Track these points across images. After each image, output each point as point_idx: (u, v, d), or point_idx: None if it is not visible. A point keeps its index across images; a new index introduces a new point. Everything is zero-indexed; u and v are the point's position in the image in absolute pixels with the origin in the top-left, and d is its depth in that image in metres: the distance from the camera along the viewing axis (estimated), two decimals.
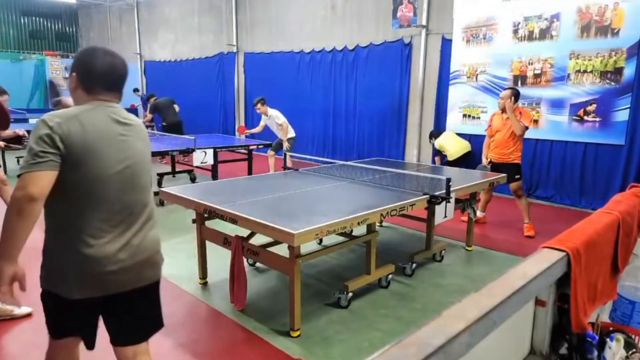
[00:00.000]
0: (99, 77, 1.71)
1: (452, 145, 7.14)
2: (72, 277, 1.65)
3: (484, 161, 5.41)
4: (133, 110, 14.91)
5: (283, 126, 7.41)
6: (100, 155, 1.63)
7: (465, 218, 4.81)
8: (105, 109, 1.71)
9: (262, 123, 7.82)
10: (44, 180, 1.52)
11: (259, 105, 7.45)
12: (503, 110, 5.05)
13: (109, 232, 1.68)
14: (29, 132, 3.75)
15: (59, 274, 1.68)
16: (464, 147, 7.15)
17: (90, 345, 1.91)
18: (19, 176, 1.53)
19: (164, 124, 9.30)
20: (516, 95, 5.00)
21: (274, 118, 7.48)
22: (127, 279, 1.75)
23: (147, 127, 9.36)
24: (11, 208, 1.51)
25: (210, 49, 12.31)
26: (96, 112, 1.68)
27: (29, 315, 3.10)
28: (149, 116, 9.89)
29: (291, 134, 7.52)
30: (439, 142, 7.31)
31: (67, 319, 1.77)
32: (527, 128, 4.94)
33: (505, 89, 5.20)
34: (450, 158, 7.07)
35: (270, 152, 7.63)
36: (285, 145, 7.36)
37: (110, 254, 1.68)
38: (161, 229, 5.49)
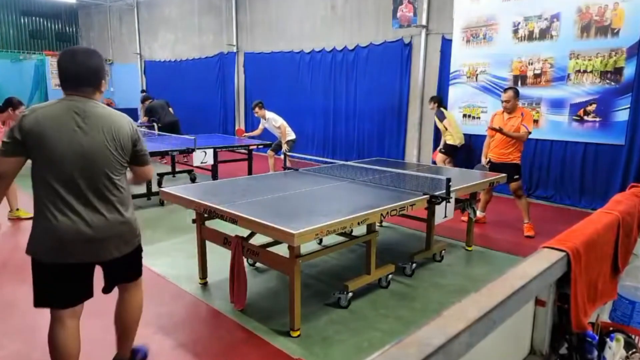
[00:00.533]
0: (61, 76, 2.04)
1: (457, 130, 7.08)
2: (41, 243, 2.00)
3: (483, 161, 5.41)
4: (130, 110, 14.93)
5: (281, 129, 7.41)
6: (49, 142, 1.93)
7: (465, 218, 4.81)
8: (68, 103, 2.01)
9: (260, 126, 7.83)
10: (6, 163, 1.98)
11: (256, 109, 7.47)
12: (504, 111, 5.04)
13: (64, 209, 1.98)
14: None
15: (34, 240, 2.02)
16: (462, 137, 7.15)
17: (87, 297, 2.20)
18: None
19: (159, 125, 9.30)
20: (517, 94, 5.05)
21: (271, 121, 7.48)
22: (82, 251, 2.02)
23: (147, 128, 9.39)
24: None
25: (210, 49, 12.31)
26: (55, 106, 2.00)
27: None
28: (145, 119, 9.87)
29: (291, 136, 7.51)
30: (448, 119, 7.04)
31: (47, 284, 2.08)
32: (530, 132, 4.94)
33: (505, 89, 5.20)
34: (452, 142, 6.98)
35: (270, 153, 7.63)
36: (284, 147, 7.35)
37: (63, 228, 1.97)
38: (161, 229, 5.52)
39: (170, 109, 9.59)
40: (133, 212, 2.24)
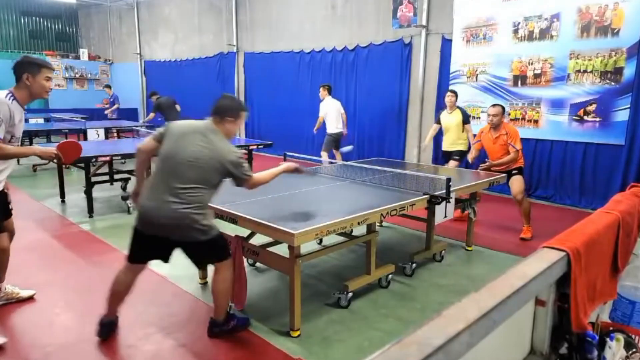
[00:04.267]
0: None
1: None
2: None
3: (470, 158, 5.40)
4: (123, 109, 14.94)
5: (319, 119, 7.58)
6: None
7: (456, 214, 4.74)
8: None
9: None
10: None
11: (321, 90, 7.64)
12: (490, 127, 4.98)
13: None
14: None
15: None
16: None
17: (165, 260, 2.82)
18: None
19: (165, 124, 9.25)
20: (504, 111, 5.07)
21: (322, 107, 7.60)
22: (156, 229, 2.61)
23: (147, 126, 9.38)
24: None
25: (210, 49, 12.31)
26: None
27: (32, 298, 3.33)
28: (152, 115, 9.73)
29: (331, 129, 7.56)
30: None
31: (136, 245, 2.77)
32: (519, 150, 4.86)
33: (493, 104, 5.12)
34: (464, 148, 6.34)
35: (323, 153, 7.66)
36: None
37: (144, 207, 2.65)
38: None
39: (178, 107, 9.50)
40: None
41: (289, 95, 10.27)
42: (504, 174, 4.71)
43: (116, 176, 6.99)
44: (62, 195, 6.26)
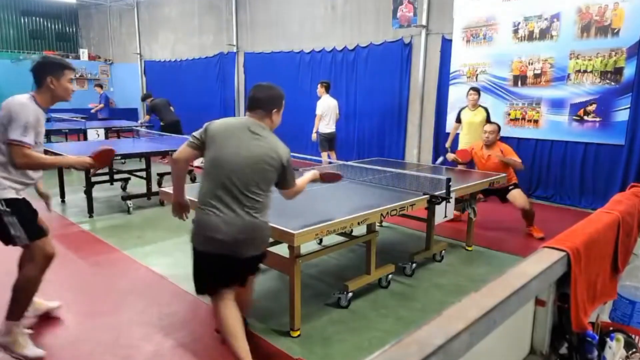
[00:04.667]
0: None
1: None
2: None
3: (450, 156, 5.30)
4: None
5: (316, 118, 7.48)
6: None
7: (457, 213, 4.81)
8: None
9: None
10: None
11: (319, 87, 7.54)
12: (484, 144, 4.99)
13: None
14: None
15: None
16: None
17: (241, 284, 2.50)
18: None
19: (162, 124, 9.28)
20: (499, 130, 5.09)
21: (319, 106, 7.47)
22: (224, 246, 2.28)
23: (147, 127, 9.38)
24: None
25: (210, 49, 12.31)
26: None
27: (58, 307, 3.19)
28: (147, 117, 9.84)
29: (323, 128, 7.49)
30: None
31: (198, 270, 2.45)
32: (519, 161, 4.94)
33: (490, 122, 5.17)
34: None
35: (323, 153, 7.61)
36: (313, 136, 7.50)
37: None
38: (161, 229, 5.51)
39: (172, 108, 9.59)
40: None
41: (289, 95, 10.11)
42: (503, 174, 4.70)
43: (116, 176, 6.99)
44: (62, 195, 6.26)
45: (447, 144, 6.64)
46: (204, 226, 2.28)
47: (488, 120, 5.88)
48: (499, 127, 5.11)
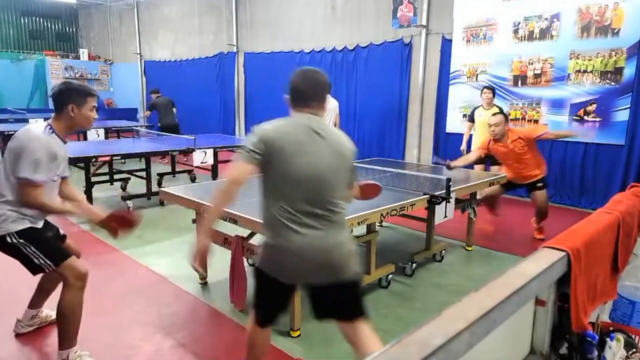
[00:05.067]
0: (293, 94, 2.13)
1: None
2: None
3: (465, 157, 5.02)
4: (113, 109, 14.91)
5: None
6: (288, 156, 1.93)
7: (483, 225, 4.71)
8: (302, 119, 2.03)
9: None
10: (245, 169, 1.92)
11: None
12: (495, 141, 4.65)
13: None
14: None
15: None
16: None
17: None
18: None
19: (159, 125, 9.25)
20: (507, 119, 4.74)
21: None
22: (311, 274, 1.95)
23: (147, 127, 9.36)
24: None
25: (210, 49, 12.31)
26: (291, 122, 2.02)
27: None
28: (147, 113, 9.77)
29: None
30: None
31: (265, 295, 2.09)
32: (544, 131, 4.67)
33: (494, 113, 4.93)
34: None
35: None
36: None
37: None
38: (161, 229, 5.50)
39: (174, 109, 9.52)
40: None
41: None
42: (503, 174, 4.67)
43: (116, 176, 6.99)
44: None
45: (462, 146, 6.50)
46: (288, 252, 1.90)
47: (505, 120, 5.66)
48: (506, 116, 4.74)
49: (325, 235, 1.92)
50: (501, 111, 5.54)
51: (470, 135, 6.28)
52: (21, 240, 2.42)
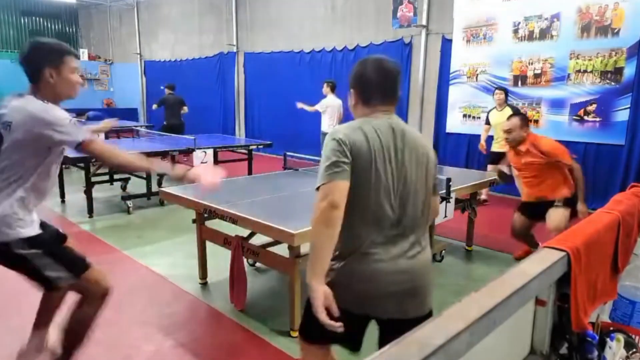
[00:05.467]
0: (364, 87, 1.71)
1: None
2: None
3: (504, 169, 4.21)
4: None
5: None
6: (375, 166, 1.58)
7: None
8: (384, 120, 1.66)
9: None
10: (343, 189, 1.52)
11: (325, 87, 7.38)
12: (515, 145, 3.79)
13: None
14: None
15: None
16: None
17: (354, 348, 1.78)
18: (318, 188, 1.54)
19: (164, 123, 9.21)
20: (525, 122, 3.78)
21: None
22: (399, 306, 1.60)
23: (147, 127, 9.33)
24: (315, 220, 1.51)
25: (210, 49, 12.31)
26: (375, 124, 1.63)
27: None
28: (155, 106, 9.45)
29: (325, 127, 7.40)
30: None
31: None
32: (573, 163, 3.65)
33: (509, 115, 4.09)
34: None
35: None
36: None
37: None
38: (161, 229, 5.50)
39: (185, 108, 9.26)
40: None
41: (289, 95, 10.25)
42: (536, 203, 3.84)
43: (116, 176, 6.99)
44: (62, 195, 6.26)
45: (481, 141, 6.29)
46: (374, 278, 1.56)
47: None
48: (523, 119, 3.82)
49: (417, 258, 1.62)
50: (516, 112, 4.97)
51: (490, 137, 6.23)
52: (35, 250, 2.00)
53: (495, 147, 5.93)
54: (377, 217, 1.57)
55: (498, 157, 5.12)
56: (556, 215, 3.64)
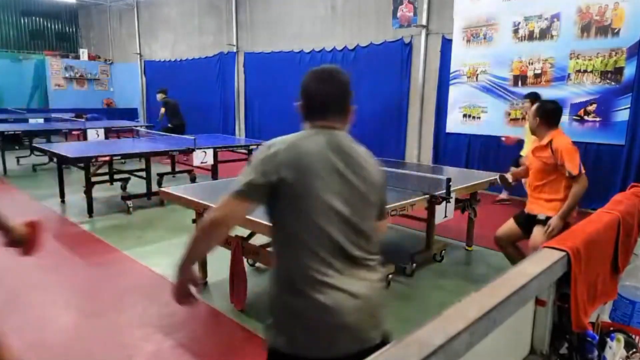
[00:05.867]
0: (308, 102, 1.61)
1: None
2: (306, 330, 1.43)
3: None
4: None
5: None
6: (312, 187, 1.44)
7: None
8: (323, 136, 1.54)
9: None
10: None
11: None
12: (532, 133, 3.42)
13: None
14: None
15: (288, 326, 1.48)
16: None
17: None
18: None
19: (169, 125, 9.23)
20: (544, 114, 3.25)
21: None
22: (351, 342, 1.41)
23: (147, 127, 9.32)
24: None
25: (210, 49, 12.31)
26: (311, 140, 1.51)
27: None
28: (163, 111, 9.43)
29: None
30: None
31: None
32: (579, 175, 3.14)
33: (524, 96, 3.86)
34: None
35: None
36: None
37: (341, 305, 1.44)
38: (161, 229, 5.50)
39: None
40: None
41: (289, 95, 10.24)
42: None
43: (116, 176, 6.99)
44: (62, 195, 6.26)
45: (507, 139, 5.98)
46: (326, 316, 1.38)
47: None
48: (538, 108, 3.31)
49: (369, 286, 1.47)
50: (536, 97, 5.04)
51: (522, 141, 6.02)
52: None
53: (525, 152, 5.30)
54: (324, 244, 1.41)
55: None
56: (539, 236, 3.25)
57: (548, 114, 3.25)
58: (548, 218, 3.20)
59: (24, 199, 6.38)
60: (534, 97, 5.43)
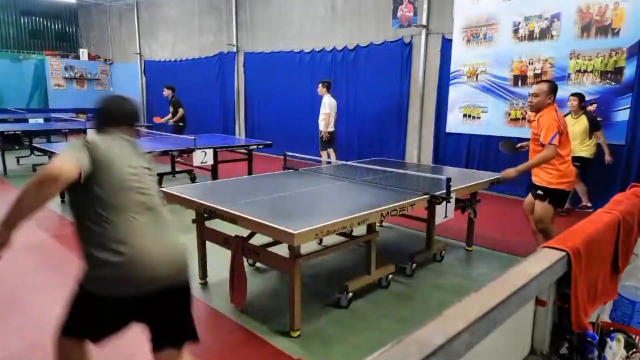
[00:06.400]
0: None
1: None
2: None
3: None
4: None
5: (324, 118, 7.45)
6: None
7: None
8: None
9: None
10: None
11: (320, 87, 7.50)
12: (536, 111, 3.68)
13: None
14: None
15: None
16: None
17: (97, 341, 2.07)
18: None
19: (180, 124, 9.23)
20: (552, 90, 3.60)
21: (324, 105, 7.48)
22: (161, 280, 1.95)
23: (147, 128, 9.30)
24: None
25: (210, 49, 12.31)
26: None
27: None
28: (179, 116, 9.36)
29: (323, 128, 7.51)
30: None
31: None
32: (550, 145, 3.49)
33: (538, 81, 3.94)
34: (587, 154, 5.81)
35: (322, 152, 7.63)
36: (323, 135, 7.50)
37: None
38: None
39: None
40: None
41: (289, 95, 10.26)
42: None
43: None
44: (62, 195, 6.25)
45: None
46: (145, 263, 1.87)
47: (592, 128, 5.58)
48: (551, 86, 3.62)
49: (166, 230, 2.00)
50: (589, 118, 5.56)
51: None
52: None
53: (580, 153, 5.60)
54: (128, 206, 1.85)
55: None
56: (538, 208, 3.75)
57: (555, 92, 3.65)
58: (544, 190, 3.70)
59: None
60: (581, 97, 5.77)
